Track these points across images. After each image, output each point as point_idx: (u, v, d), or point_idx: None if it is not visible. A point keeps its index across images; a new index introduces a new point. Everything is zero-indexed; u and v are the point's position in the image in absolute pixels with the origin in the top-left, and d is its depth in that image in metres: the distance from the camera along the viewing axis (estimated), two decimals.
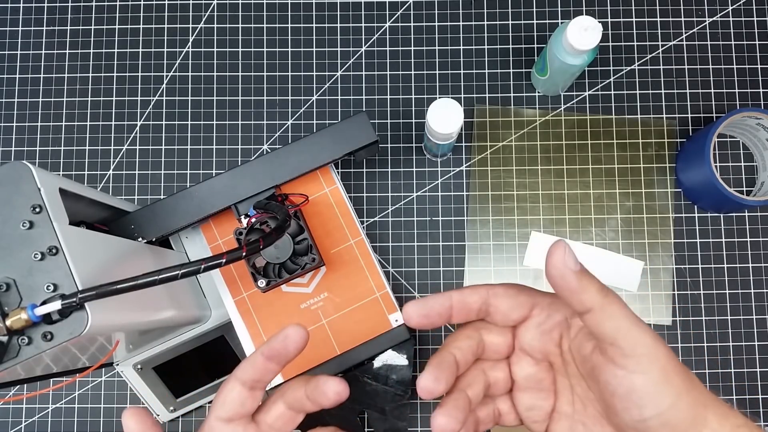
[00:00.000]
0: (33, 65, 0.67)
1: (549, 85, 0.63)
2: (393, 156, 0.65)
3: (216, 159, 0.65)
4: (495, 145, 0.65)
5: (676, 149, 0.64)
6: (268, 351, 0.36)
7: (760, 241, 0.63)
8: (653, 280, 0.62)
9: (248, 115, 0.66)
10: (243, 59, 0.67)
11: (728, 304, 0.62)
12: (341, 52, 0.67)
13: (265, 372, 0.36)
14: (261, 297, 0.53)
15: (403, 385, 0.54)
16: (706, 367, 0.61)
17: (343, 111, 0.66)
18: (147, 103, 0.66)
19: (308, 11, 0.67)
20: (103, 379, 0.62)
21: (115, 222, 0.49)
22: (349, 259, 0.55)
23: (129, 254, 0.44)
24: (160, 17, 0.67)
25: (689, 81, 0.65)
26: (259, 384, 0.36)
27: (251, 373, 0.36)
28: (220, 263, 0.35)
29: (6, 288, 0.33)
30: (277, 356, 0.36)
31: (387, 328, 0.53)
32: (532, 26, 0.67)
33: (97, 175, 0.65)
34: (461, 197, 0.64)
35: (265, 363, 0.36)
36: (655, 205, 0.64)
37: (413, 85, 0.66)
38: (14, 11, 0.68)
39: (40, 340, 0.32)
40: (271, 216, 0.49)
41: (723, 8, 0.66)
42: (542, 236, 0.63)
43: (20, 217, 0.34)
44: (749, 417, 0.29)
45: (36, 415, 0.62)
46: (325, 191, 0.55)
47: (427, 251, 0.63)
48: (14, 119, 0.66)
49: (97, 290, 0.32)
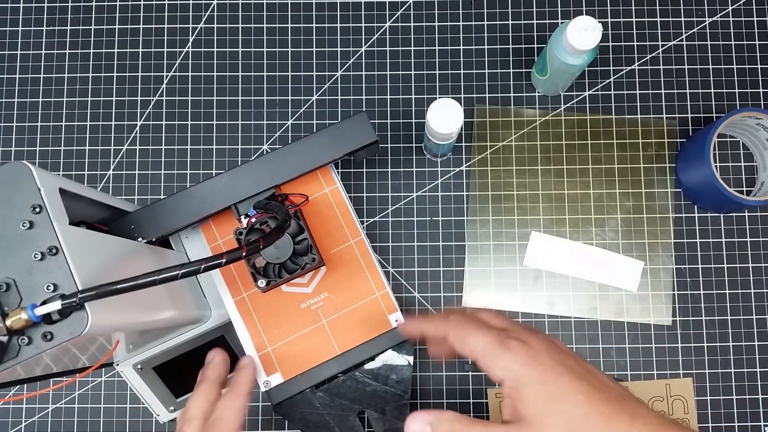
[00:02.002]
0: (33, 65, 0.67)
1: (549, 85, 0.63)
2: (393, 156, 0.65)
3: (216, 159, 0.65)
4: (495, 145, 0.65)
5: (676, 149, 0.64)
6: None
7: (760, 241, 0.63)
8: (653, 280, 0.62)
9: (248, 115, 0.66)
10: (243, 59, 0.67)
11: (728, 304, 0.62)
12: (341, 52, 0.67)
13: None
14: (261, 297, 0.53)
15: (403, 385, 0.54)
16: (706, 367, 0.61)
17: (343, 111, 0.66)
18: (147, 103, 0.66)
19: (308, 11, 0.67)
20: (103, 379, 0.62)
21: (115, 222, 0.49)
22: (349, 259, 0.55)
23: (129, 254, 0.44)
24: (160, 17, 0.67)
25: (689, 81, 0.65)
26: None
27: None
28: (220, 263, 0.35)
29: (6, 288, 0.33)
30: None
31: (387, 328, 0.53)
32: (532, 26, 0.67)
33: (97, 175, 0.65)
34: (461, 197, 0.64)
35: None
36: (655, 205, 0.64)
37: (413, 85, 0.66)
38: (14, 11, 0.68)
39: (40, 340, 0.32)
40: (271, 216, 0.49)
41: (723, 8, 0.66)
42: (542, 236, 0.63)
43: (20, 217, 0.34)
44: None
45: (36, 415, 0.62)
46: (325, 191, 0.55)
47: (427, 251, 0.63)
48: (14, 119, 0.66)
49: (97, 290, 0.32)
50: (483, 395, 0.61)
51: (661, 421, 0.31)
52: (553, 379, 0.32)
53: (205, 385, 0.45)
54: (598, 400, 0.31)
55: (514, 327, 0.36)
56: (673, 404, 0.61)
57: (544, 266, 0.63)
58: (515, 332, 0.35)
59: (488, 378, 0.59)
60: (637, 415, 0.31)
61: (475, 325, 0.36)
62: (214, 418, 0.42)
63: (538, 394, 0.32)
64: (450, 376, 0.61)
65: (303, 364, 0.53)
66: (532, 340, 0.34)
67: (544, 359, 0.33)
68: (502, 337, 0.34)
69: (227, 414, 0.42)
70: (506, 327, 0.36)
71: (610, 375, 0.55)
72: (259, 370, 0.53)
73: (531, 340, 0.34)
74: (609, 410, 0.31)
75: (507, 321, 0.38)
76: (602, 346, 0.62)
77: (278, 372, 0.53)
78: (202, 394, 0.44)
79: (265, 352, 0.53)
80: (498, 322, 0.37)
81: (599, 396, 0.31)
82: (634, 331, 0.62)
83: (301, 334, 0.53)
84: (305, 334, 0.53)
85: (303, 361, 0.53)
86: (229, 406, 0.43)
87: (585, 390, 0.31)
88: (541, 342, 0.34)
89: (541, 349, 0.33)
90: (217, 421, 0.42)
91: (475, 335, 0.35)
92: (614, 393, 0.32)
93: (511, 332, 0.35)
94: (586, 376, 0.33)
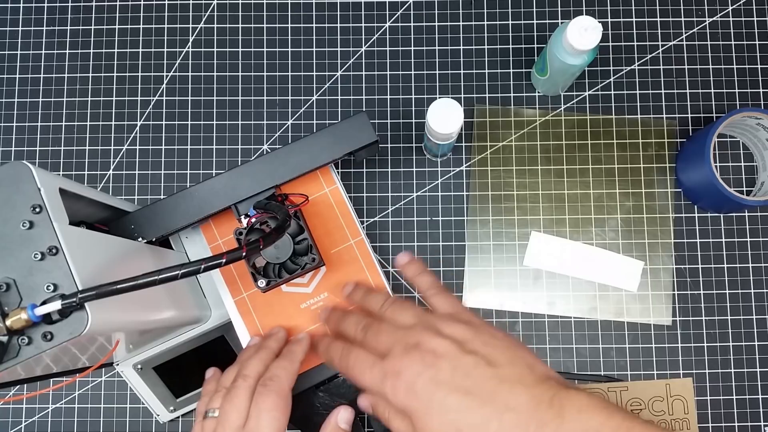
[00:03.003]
0: (33, 65, 0.67)
1: (549, 85, 0.63)
2: (393, 156, 0.65)
3: (216, 159, 0.65)
4: (495, 145, 0.65)
5: (676, 149, 0.64)
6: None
7: (760, 241, 0.63)
8: (653, 280, 0.62)
9: (248, 115, 0.66)
10: (243, 59, 0.67)
11: (728, 304, 0.62)
12: (341, 52, 0.67)
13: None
14: (261, 297, 0.53)
15: None
16: (706, 367, 0.61)
17: (343, 111, 0.66)
18: (147, 103, 0.66)
19: (308, 11, 0.67)
20: (103, 379, 0.62)
21: (115, 222, 0.49)
22: (349, 259, 0.55)
23: (129, 254, 0.44)
24: (160, 17, 0.67)
25: (689, 81, 0.65)
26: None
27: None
28: (220, 263, 0.35)
29: (6, 288, 0.33)
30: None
31: None
32: (532, 26, 0.67)
33: (97, 175, 0.65)
34: (461, 197, 0.64)
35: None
36: (655, 205, 0.64)
37: (413, 85, 0.66)
38: (14, 11, 0.68)
39: (40, 340, 0.32)
40: (271, 216, 0.49)
41: (723, 8, 0.66)
42: (542, 236, 0.63)
43: (20, 217, 0.34)
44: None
45: (36, 415, 0.62)
46: (325, 191, 0.55)
47: (427, 251, 0.63)
48: (14, 119, 0.66)
49: (97, 290, 0.32)
50: None
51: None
52: (424, 408, 0.35)
53: (265, 351, 0.47)
54: (467, 409, 0.34)
55: (397, 347, 0.38)
56: (673, 404, 0.61)
57: (544, 266, 0.63)
58: (395, 358, 0.37)
59: None
60: (507, 409, 0.33)
61: (362, 365, 0.39)
62: (268, 375, 0.44)
63: (426, 425, 0.35)
64: None
65: (303, 364, 0.53)
66: (405, 367, 0.36)
67: (418, 386, 0.36)
68: (382, 376, 0.37)
69: (281, 374, 0.45)
70: (390, 350, 0.38)
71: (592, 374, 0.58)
72: None
73: (405, 368, 0.36)
74: (482, 413, 0.34)
75: (408, 317, 0.42)
76: (602, 346, 0.62)
77: None
78: (260, 358, 0.46)
79: None
80: (390, 335, 0.40)
81: (469, 404, 0.34)
82: (634, 331, 0.62)
83: None
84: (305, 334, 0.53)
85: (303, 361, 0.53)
86: (284, 367, 0.45)
87: (455, 406, 0.34)
88: (414, 365, 0.36)
89: (414, 374, 0.36)
90: (271, 379, 0.44)
91: (365, 379, 0.39)
92: (486, 391, 0.34)
93: (392, 359, 0.37)
94: (458, 383, 0.35)
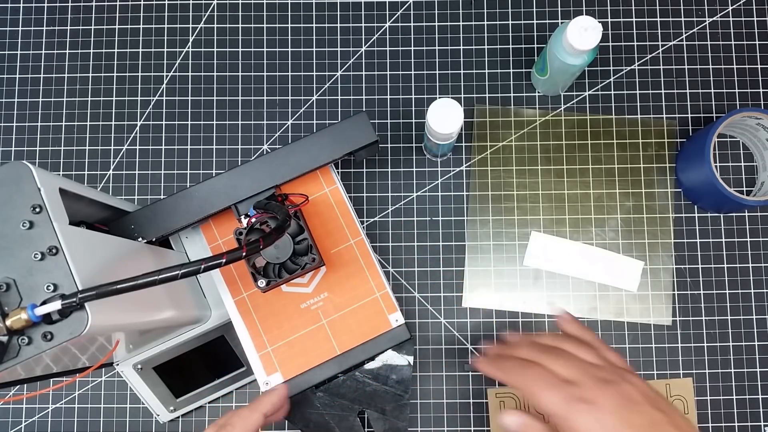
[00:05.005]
0: (33, 65, 0.67)
1: (549, 85, 0.63)
2: (393, 156, 0.65)
3: (216, 159, 0.65)
4: (495, 145, 0.65)
5: (676, 149, 0.64)
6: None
7: (760, 241, 0.63)
8: (653, 280, 0.62)
9: (248, 115, 0.66)
10: (243, 59, 0.67)
11: (728, 304, 0.62)
12: (341, 52, 0.67)
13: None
14: (261, 297, 0.53)
15: (403, 385, 0.54)
16: (706, 367, 0.61)
17: (343, 111, 0.66)
18: (147, 103, 0.66)
19: (308, 11, 0.67)
20: (103, 379, 0.62)
21: (115, 222, 0.49)
22: (349, 259, 0.55)
23: (129, 254, 0.44)
24: (160, 17, 0.67)
25: (689, 81, 0.65)
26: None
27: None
28: (220, 263, 0.35)
29: (6, 288, 0.33)
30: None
31: (387, 328, 0.53)
32: (532, 26, 0.67)
33: (97, 175, 0.65)
34: (461, 197, 0.64)
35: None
36: (655, 205, 0.64)
37: (413, 85, 0.66)
38: (14, 11, 0.68)
39: (40, 340, 0.32)
40: (271, 216, 0.49)
41: (723, 8, 0.66)
42: (542, 236, 0.63)
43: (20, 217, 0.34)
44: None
45: (36, 415, 0.62)
46: (325, 191, 0.55)
47: (427, 251, 0.63)
48: (14, 119, 0.66)
49: (97, 290, 0.32)
50: (483, 395, 0.61)
51: None
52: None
53: (248, 407, 0.47)
54: None
55: (586, 378, 0.37)
56: (673, 404, 0.61)
57: (544, 266, 0.63)
58: (586, 388, 0.36)
59: (487, 378, 0.59)
60: None
61: (544, 382, 0.38)
62: (223, 422, 0.45)
63: None
64: (450, 376, 0.61)
65: (303, 364, 0.53)
66: (600, 399, 0.36)
67: (609, 421, 0.35)
68: (569, 398, 0.36)
69: (236, 423, 0.45)
70: (577, 380, 0.37)
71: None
72: (258, 371, 0.53)
73: (600, 399, 0.36)
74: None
75: (589, 356, 0.39)
76: None
77: (278, 372, 0.53)
78: (238, 410, 0.47)
79: (265, 352, 0.53)
80: (574, 366, 0.38)
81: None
82: (634, 331, 0.62)
83: (301, 334, 0.53)
84: (305, 334, 0.53)
85: (303, 361, 0.53)
86: (242, 417, 0.45)
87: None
88: (610, 399, 0.36)
89: (608, 409, 0.35)
90: (224, 427, 0.44)
91: (544, 395, 0.37)
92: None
93: (582, 388, 0.36)
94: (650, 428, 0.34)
